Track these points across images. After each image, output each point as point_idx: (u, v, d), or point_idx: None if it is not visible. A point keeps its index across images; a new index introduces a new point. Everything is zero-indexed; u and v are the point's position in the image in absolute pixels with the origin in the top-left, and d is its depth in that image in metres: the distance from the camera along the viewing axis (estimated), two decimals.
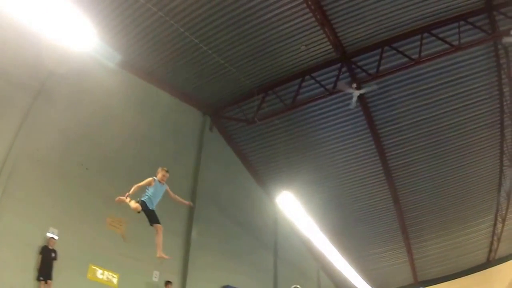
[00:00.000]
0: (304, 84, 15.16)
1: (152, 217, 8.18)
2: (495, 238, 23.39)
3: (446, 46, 14.08)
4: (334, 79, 14.80)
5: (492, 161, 19.28)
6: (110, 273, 12.02)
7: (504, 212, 21.71)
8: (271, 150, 17.56)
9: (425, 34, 14.11)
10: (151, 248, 8.67)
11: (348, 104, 14.88)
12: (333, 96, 15.29)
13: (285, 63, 14.80)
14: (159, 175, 8.36)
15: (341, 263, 21.03)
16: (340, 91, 14.73)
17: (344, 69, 14.73)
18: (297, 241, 21.08)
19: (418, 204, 20.64)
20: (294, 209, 15.47)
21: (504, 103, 16.68)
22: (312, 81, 15.07)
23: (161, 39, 13.24)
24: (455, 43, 14.02)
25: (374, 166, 18.39)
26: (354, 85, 14.29)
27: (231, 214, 16.69)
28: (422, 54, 14.10)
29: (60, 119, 11.73)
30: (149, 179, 8.23)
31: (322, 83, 14.94)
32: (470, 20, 14.05)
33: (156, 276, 13.08)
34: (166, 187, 8.43)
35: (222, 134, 17.17)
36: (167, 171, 8.46)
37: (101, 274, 11.82)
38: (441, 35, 14.07)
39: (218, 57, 13.89)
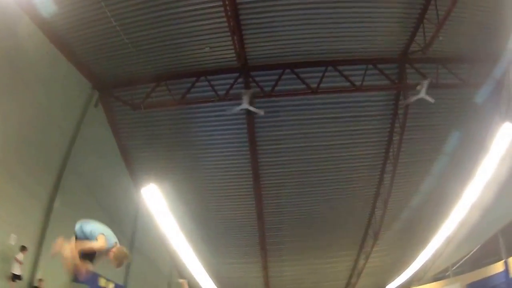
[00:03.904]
0: (198, 84, 15.70)
1: None
2: (356, 272, 26.07)
3: (348, 84, 15.38)
4: (227, 86, 15.53)
5: (366, 201, 21.43)
6: None
7: (369, 250, 24.06)
8: (150, 140, 17.83)
9: (330, 68, 15.29)
10: (11, 209, 8.03)
11: (234, 114, 15.75)
12: (222, 103, 15.96)
13: (185, 59, 15.19)
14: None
15: (195, 265, 22.27)
16: (230, 99, 15.45)
17: (240, 80, 15.53)
18: (156, 236, 21.14)
19: (281, 225, 22.29)
20: (157, 204, 16.23)
21: (391, 150, 18.57)
22: (206, 83, 15.64)
23: (76, 2, 12.79)
24: (358, 83, 15.46)
25: (245, 180, 19.46)
26: (247, 99, 15.02)
27: (96, 194, 16.87)
28: (322, 85, 15.36)
29: None
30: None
31: (216, 88, 15.57)
32: (380, 66, 15.55)
33: (13, 240, 12.51)
34: None
35: (106, 112, 17.15)
36: None
37: None
38: (346, 73, 15.42)
39: (125, 35, 13.84)
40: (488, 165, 16.13)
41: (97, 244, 6.89)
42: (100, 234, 6.97)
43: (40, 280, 12.99)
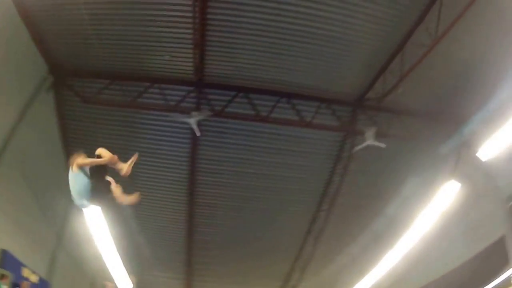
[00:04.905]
0: (151, 90, 15.58)
1: None
2: None
3: (298, 118, 15.68)
4: (179, 98, 15.50)
5: (297, 235, 21.65)
6: None
7: (295, 283, 24.51)
8: (93, 138, 17.25)
9: (283, 99, 15.53)
10: None
11: (180, 127, 15.99)
12: (170, 114, 15.79)
13: (144, 62, 15.13)
14: None
15: (119, 271, 21.64)
16: (179, 111, 15.40)
17: (193, 95, 15.53)
18: (84, 236, 20.58)
19: (210, 246, 22.22)
20: None
21: (329, 190, 18.94)
22: (158, 90, 15.57)
23: None
24: (308, 119, 15.79)
25: (180, 195, 19.37)
26: (196, 114, 15.12)
27: (30, 182, 15.89)
28: (272, 115, 15.58)
29: None
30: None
31: (167, 97, 15.51)
32: (334, 106, 15.96)
33: None
34: None
35: (56, 100, 16.48)
36: None
37: None
38: (298, 107, 15.70)
39: (90, 26, 13.53)
40: (426, 218, 16.73)
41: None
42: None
43: None
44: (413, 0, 12.51)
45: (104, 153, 7.67)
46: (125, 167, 7.90)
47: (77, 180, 7.71)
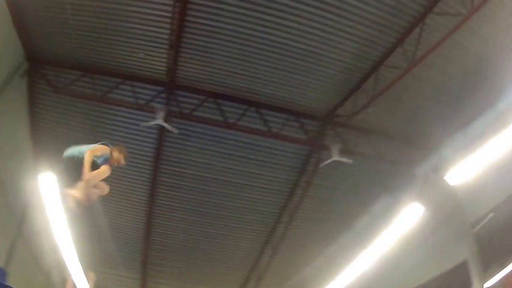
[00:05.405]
0: (122, 86, 15.53)
1: None
2: None
3: (265, 128, 15.88)
4: (149, 97, 15.51)
5: (256, 244, 21.76)
6: None
7: None
8: (60, 129, 17.27)
9: (252, 108, 15.68)
10: None
11: (145, 126, 15.67)
12: (138, 112, 15.85)
13: (118, 58, 15.03)
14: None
15: (75, 265, 21.27)
16: (148, 110, 15.34)
17: (163, 95, 15.53)
18: (44, 227, 20.25)
19: (167, 248, 22.15)
20: (50, 193, 15.94)
21: (291, 202, 19.11)
22: (129, 87, 15.52)
23: None
24: (275, 130, 15.95)
25: (140, 194, 19.25)
26: (163, 114, 15.01)
27: None
28: (239, 123, 15.73)
29: None
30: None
31: (137, 95, 15.49)
32: (302, 120, 16.15)
33: None
34: None
35: (29, 86, 16.15)
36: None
37: None
38: (266, 117, 15.87)
39: (71, 16, 13.46)
40: (388, 238, 17.00)
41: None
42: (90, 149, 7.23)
43: None
44: (393, 22, 12.79)
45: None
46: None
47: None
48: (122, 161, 8.02)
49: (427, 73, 14.08)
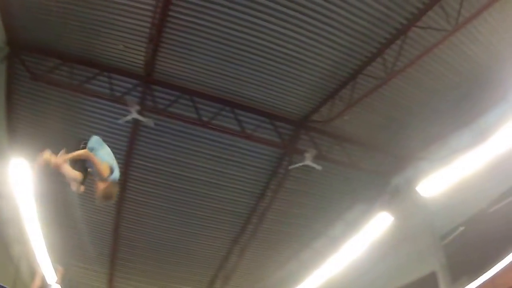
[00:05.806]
0: (98, 77, 15.43)
1: None
2: None
3: (239, 128, 15.99)
4: (125, 90, 15.45)
5: (224, 244, 21.86)
6: None
7: None
8: (36, 117, 17.19)
9: (227, 108, 15.76)
10: None
11: (119, 119, 15.67)
12: (113, 104, 15.83)
13: (97, 48, 14.90)
14: None
15: (44, 257, 21.16)
16: (121, 103, 15.34)
17: (139, 89, 15.50)
18: (14, 217, 20.01)
19: (136, 244, 22.06)
20: (22, 182, 15.88)
21: (261, 204, 19.22)
22: (106, 79, 15.45)
23: None
24: (249, 131, 16.09)
25: None
26: (138, 108, 15.03)
27: None
28: (214, 121, 15.83)
29: None
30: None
31: (114, 87, 15.41)
32: (276, 123, 16.26)
33: None
34: None
35: (8, 71, 15.91)
36: None
37: None
38: (241, 118, 15.94)
39: (55, 3, 13.26)
40: (356, 245, 17.17)
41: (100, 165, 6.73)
42: (106, 163, 6.76)
43: None
44: (375, 32, 12.96)
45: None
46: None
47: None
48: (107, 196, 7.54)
49: (406, 85, 14.35)
